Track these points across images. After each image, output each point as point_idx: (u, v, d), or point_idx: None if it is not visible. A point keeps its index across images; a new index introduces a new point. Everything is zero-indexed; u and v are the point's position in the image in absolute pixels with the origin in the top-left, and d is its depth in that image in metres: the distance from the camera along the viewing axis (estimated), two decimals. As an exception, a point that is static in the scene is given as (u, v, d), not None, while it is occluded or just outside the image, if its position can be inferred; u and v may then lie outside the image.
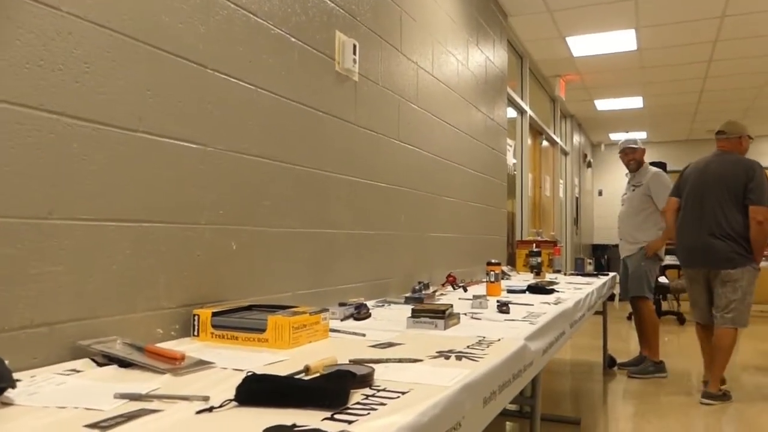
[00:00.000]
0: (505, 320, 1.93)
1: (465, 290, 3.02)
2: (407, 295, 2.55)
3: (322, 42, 2.23)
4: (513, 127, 5.90)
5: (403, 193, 2.88)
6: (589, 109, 8.49)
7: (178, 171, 1.55)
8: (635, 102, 8.01)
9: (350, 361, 1.25)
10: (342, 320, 1.94)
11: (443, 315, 1.74)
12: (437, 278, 3.26)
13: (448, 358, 1.31)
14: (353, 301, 2.09)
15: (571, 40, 5.66)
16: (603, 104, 8.16)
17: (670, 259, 5.58)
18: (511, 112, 5.81)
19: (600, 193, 11.17)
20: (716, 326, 3.77)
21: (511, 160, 5.45)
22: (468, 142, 3.85)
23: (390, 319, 1.96)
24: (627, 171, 4.82)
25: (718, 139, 3.98)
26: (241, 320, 1.47)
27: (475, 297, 2.37)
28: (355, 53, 2.41)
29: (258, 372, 1.04)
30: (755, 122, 9.10)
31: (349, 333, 1.64)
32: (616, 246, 4.86)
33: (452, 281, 3.10)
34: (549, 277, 4.06)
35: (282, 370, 1.15)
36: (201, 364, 1.18)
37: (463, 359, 1.29)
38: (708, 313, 3.87)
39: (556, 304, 2.41)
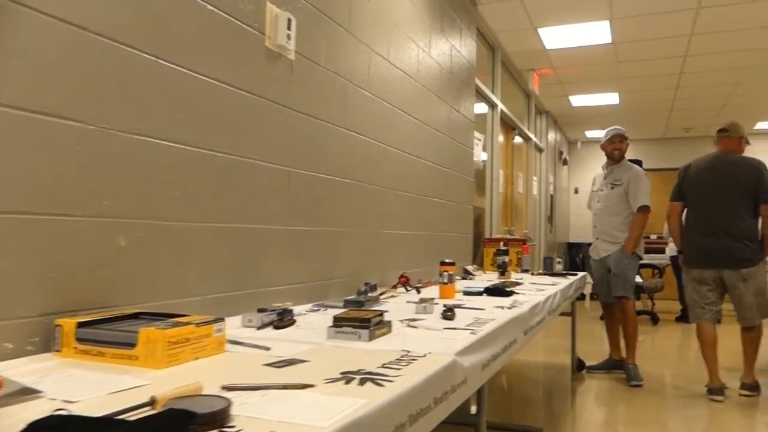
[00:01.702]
0: (446, 328, 1.70)
1: (418, 292, 2.79)
2: (349, 297, 2.31)
3: (250, 14, 1.98)
4: (483, 122, 5.68)
5: (349, 185, 2.64)
6: (565, 106, 8.32)
7: (46, 153, 1.29)
8: (611, 98, 7.85)
9: (222, 387, 1.00)
10: (259, 329, 1.69)
11: (368, 324, 1.51)
12: (390, 279, 3.02)
13: (349, 381, 1.07)
14: (277, 306, 1.84)
15: (543, 32, 5.46)
16: (578, 100, 7.99)
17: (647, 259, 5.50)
18: (482, 107, 5.60)
19: (576, 191, 11.03)
20: (742, 326, 3.89)
21: (480, 155, 5.24)
22: (429, 134, 3.62)
23: (315, 327, 1.72)
24: (603, 165, 4.55)
25: (721, 137, 3.99)
26: (110, 333, 1.22)
27: (422, 301, 2.14)
28: (289, 28, 2.16)
29: (64, 413, 0.79)
30: (731, 120, 8.99)
31: (252, 346, 1.40)
32: (590, 244, 4.63)
33: (405, 282, 2.87)
34: (515, 277, 3.85)
35: (127, 401, 0.90)
36: (23, 393, 0.93)
37: (368, 383, 1.06)
38: (716, 313, 3.93)
39: (510, 308, 2.19)
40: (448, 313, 1.92)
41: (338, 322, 1.54)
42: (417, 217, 3.43)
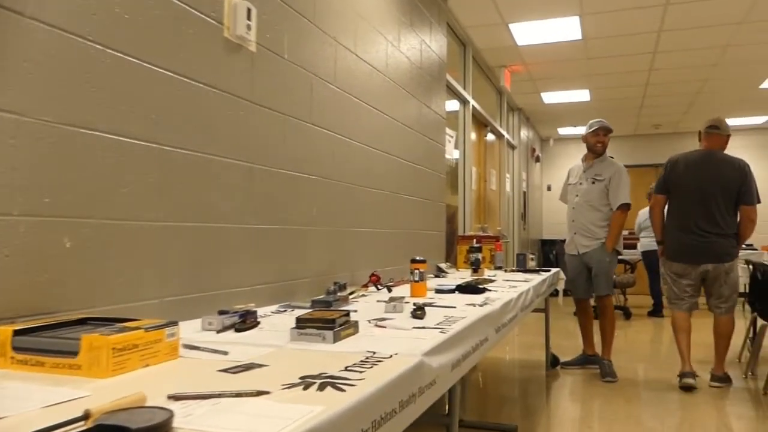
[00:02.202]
0: (415, 328, 1.64)
1: (389, 291, 2.73)
2: (317, 298, 2.23)
3: (206, 3, 1.89)
4: (456, 119, 5.65)
5: (316, 182, 2.56)
6: (537, 102, 8.34)
7: (-23, 147, 1.19)
8: (582, 95, 7.89)
9: (169, 397, 0.92)
10: (219, 332, 1.61)
11: (333, 325, 1.43)
12: (360, 278, 2.95)
13: (308, 387, 1.00)
14: (239, 308, 1.76)
15: (514, 27, 5.44)
16: (550, 97, 8.02)
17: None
18: (454, 104, 5.56)
19: (549, 188, 11.09)
20: (718, 315, 3.97)
21: (452, 152, 5.20)
22: (400, 131, 3.56)
23: (279, 329, 1.64)
24: (583, 157, 4.41)
25: (711, 134, 4.00)
26: (50, 341, 1.13)
27: (391, 300, 2.07)
28: (250, 18, 2.08)
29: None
30: (698, 117, 9.13)
31: (209, 351, 1.32)
32: (564, 241, 4.59)
33: (375, 281, 2.80)
34: (488, 274, 3.81)
35: (62, 415, 0.82)
36: (-59, 409, 0.84)
37: (328, 388, 0.99)
38: (693, 305, 4.03)
39: (482, 305, 2.14)
40: (418, 312, 1.85)
41: (301, 323, 1.47)
42: (388, 215, 3.37)
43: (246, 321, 1.71)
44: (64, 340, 1.12)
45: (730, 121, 9.38)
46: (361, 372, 1.10)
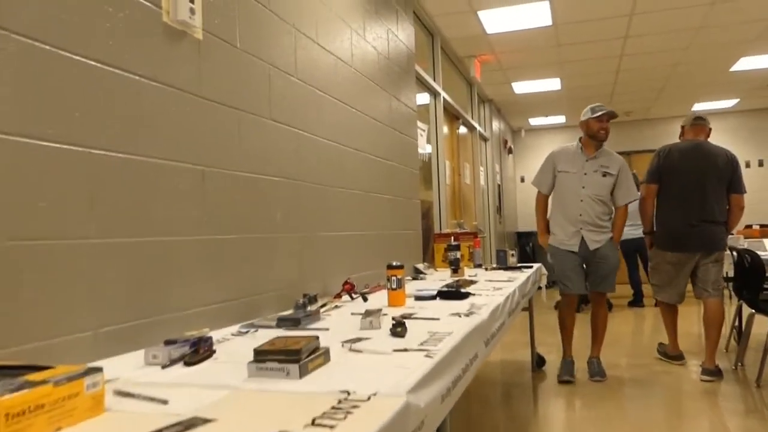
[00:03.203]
0: (396, 351, 1.41)
1: (365, 299, 2.50)
2: (283, 314, 1.99)
3: (140, -18, 1.63)
4: (427, 112, 5.43)
5: (278, 184, 2.31)
6: (507, 93, 8.18)
7: None
8: (553, 84, 7.76)
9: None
10: (164, 367, 1.36)
11: (298, 357, 1.20)
12: (333, 286, 2.71)
13: (262, 458, 0.76)
14: (190, 335, 1.51)
15: (483, 15, 5.24)
16: (521, 87, 7.86)
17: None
18: (424, 98, 5.34)
19: (522, 180, 10.98)
20: (707, 299, 3.97)
21: (425, 146, 4.98)
22: (369, 125, 3.32)
23: (237, 359, 1.40)
24: (579, 145, 3.98)
25: (697, 125, 4.11)
26: (-74, 406, 0.87)
27: (367, 313, 1.84)
28: (193, 2, 1.82)
29: None
30: (668, 103, 9.10)
31: (145, 399, 1.07)
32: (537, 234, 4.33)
33: (349, 289, 2.57)
34: (468, 274, 3.60)
35: None
36: None
37: (288, 459, 0.75)
38: (683, 294, 4.11)
39: (468, 315, 1.92)
40: (398, 329, 1.63)
41: (261, 356, 1.23)
42: (360, 216, 3.13)
43: (198, 351, 1.47)
44: (-56, 406, 0.86)
45: (701, 106, 9.38)
46: (332, 428, 0.86)
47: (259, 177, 2.17)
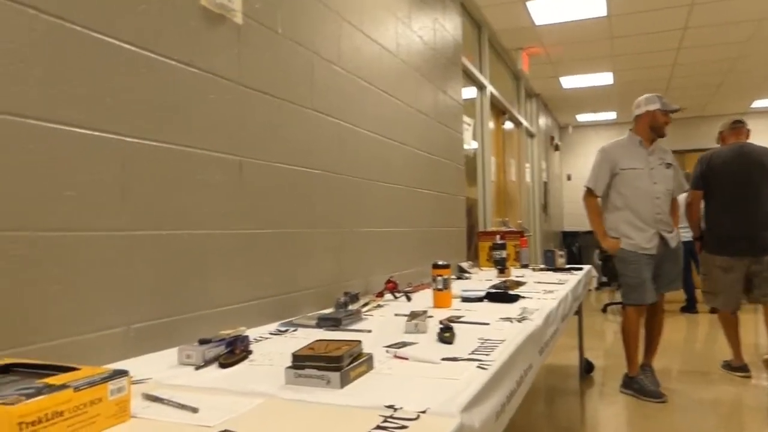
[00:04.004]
0: (444, 359, 1.29)
1: (408, 299, 2.38)
2: (324, 312, 1.90)
3: (179, -38, 1.55)
4: (472, 106, 5.27)
5: (319, 177, 2.22)
6: (555, 88, 7.92)
7: None
8: (605, 78, 7.46)
9: None
10: (199, 368, 1.28)
11: (339, 365, 1.09)
12: (375, 284, 2.61)
13: (297, 489, 0.66)
14: (226, 333, 1.42)
15: (532, 5, 5.04)
16: (569, 81, 7.59)
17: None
18: (470, 91, 5.19)
19: (569, 178, 10.66)
20: (766, 303, 3.93)
21: (470, 141, 4.83)
22: (414, 118, 3.20)
23: (274, 361, 1.31)
24: (638, 139, 3.66)
25: (737, 128, 4.10)
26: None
27: (412, 315, 1.73)
28: (234, -16, 1.73)
29: None
30: (727, 99, 8.67)
31: (174, 406, 0.98)
32: (588, 233, 4.18)
33: (392, 288, 2.46)
34: (515, 274, 3.45)
35: None
36: None
37: (327, 492, 0.65)
38: (737, 301, 4.00)
39: (520, 320, 1.79)
40: (446, 335, 1.51)
41: (299, 361, 1.13)
42: (403, 212, 3.02)
43: (234, 351, 1.38)
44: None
45: (761, 102, 8.91)
46: (376, 452, 0.76)
47: (299, 169, 2.08)
